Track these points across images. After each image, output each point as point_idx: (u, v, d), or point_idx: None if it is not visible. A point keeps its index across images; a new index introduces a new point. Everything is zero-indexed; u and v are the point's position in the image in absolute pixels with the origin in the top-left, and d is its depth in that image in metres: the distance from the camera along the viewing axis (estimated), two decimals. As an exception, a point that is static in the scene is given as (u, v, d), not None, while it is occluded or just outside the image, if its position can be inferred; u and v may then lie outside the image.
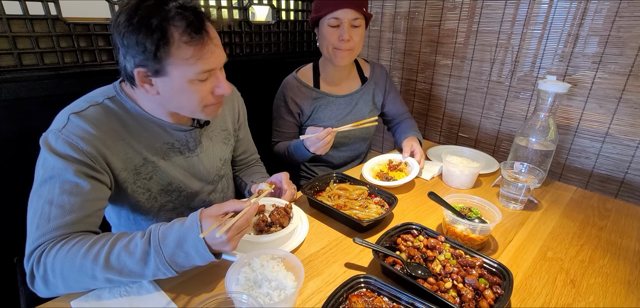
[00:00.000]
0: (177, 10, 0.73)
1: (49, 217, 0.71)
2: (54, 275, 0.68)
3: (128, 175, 0.85)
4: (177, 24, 0.73)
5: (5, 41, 1.00)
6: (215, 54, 0.80)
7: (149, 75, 0.77)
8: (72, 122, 0.76)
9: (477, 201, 1.01)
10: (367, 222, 0.94)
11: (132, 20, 0.72)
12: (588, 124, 1.44)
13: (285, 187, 1.04)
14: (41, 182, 0.73)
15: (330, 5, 1.25)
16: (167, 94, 0.80)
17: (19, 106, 1.03)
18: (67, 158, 0.74)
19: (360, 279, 0.72)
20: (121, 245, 0.70)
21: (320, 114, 1.43)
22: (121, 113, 0.84)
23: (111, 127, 0.81)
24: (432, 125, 1.99)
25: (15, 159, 1.05)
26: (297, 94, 1.41)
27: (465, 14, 1.68)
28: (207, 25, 0.77)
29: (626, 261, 0.89)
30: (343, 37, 1.27)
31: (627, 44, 1.27)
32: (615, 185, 1.43)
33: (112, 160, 0.81)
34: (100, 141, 0.78)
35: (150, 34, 0.71)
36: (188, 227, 0.69)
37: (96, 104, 0.81)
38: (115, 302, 0.70)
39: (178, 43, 0.73)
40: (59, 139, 0.74)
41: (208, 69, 0.79)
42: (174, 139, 0.92)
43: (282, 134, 1.46)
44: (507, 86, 1.63)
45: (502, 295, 0.71)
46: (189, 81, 0.78)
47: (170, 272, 0.69)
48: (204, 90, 0.81)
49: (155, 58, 0.73)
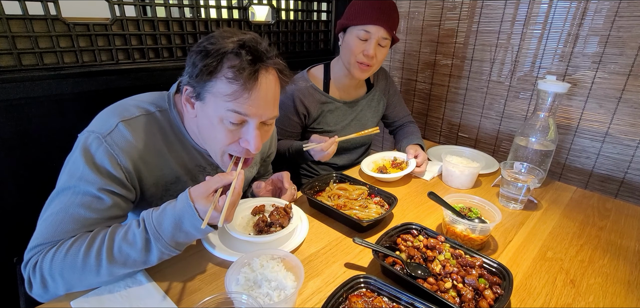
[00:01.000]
0: (237, 46, 0.71)
1: (57, 223, 0.71)
2: (54, 279, 0.68)
3: (157, 190, 0.85)
4: (230, 58, 0.72)
5: (5, 41, 1.00)
6: (256, 103, 0.74)
7: (192, 96, 0.76)
8: (120, 131, 0.76)
9: (477, 201, 1.01)
10: (367, 222, 0.94)
11: (202, 43, 0.74)
12: (588, 123, 1.44)
13: (286, 186, 1.04)
14: (65, 186, 0.73)
15: (364, 18, 1.23)
16: (201, 121, 0.78)
17: (18, 106, 1.03)
18: (101, 171, 0.73)
19: (360, 279, 0.72)
20: (119, 237, 0.70)
21: (327, 119, 1.42)
22: (167, 128, 0.83)
23: (154, 141, 0.81)
24: (432, 125, 1.99)
25: (15, 159, 1.05)
26: (306, 96, 1.38)
27: (465, 14, 1.68)
28: (262, 71, 0.73)
29: (626, 261, 0.89)
30: (368, 53, 1.25)
31: (627, 43, 1.27)
32: (615, 185, 1.43)
33: (145, 176, 0.81)
34: (139, 155, 0.78)
35: (205, 58, 0.71)
36: (181, 208, 0.69)
37: (147, 113, 0.81)
38: (115, 301, 0.70)
39: (221, 76, 0.71)
40: (102, 147, 0.73)
41: (241, 112, 0.73)
42: (207, 163, 0.92)
43: (285, 132, 1.44)
44: (507, 86, 1.63)
45: (502, 295, 0.71)
46: (219, 118, 0.74)
47: (174, 252, 0.72)
48: (229, 136, 0.76)
49: (198, 79, 0.72)
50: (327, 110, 1.42)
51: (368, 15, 1.23)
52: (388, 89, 1.56)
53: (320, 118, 1.42)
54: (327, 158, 1.22)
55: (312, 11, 1.78)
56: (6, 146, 1.03)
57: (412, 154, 1.32)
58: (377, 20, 1.22)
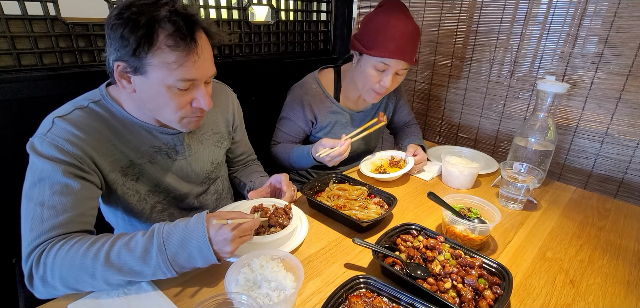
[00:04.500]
0: (169, 13, 0.72)
1: (41, 218, 0.71)
2: (53, 276, 0.68)
3: (116, 176, 0.85)
4: (164, 26, 0.72)
5: (4, 41, 1.00)
6: (199, 66, 0.77)
7: (127, 71, 0.75)
8: (57, 126, 0.76)
9: (476, 201, 1.01)
10: (367, 223, 0.94)
11: (122, 14, 0.71)
12: (587, 124, 1.44)
13: (285, 189, 1.04)
14: (31, 185, 0.73)
15: (384, 51, 1.14)
16: (144, 95, 0.78)
17: (18, 106, 1.03)
18: (54, 160, 0.73)
19: (359, 280, 0.72)
20: (122, 243, 0.70)
21: (336, 130, 1.38)
22: (106, 116, 0.83)
23: (96, 130, 0.80)
24: (431, 125, 2.00)
25: (14, 160, 1.05)
26: (315, 101, 1.32)
27: (465, 14, 1.68)
28: (197, 35, 0.75)
29: (625, 261, 0.89)
30: (385, 85, 1.20)
31: (626, 44, 1.28)
32: (615, 185, 1.43)
33: (99, 162, 0.81)
34: (86, 143, 0.77)
35: (136, 30, 0.70)
36: (193, 227, 0.70)
37: (81, 107, 0.81)
38: (114, 302, 0.70)
39: (162, 45, 0.72)
40: (45, 142, 0.74)
41: (189, 78, 0.76)
42: (160, 142, 0.91)
43: (287, 136, 1.38)
44: (507, 86, 1.63)
45: (501, 295, 0.71)
46: (167, 87, 0.76)
47: (170, 272, 0.69)
48: (182, 100, 0.79)
49: (134, 55, 0.71)
50: (338, 121, 1.37)
51: (388, 48, 1.13)
52: (396, 95, 1.54)
53: (330, 128, 1.37)
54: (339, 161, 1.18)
55: (311, 11, 1.78)
56: (5, 146, 1.03)
57: (411, 152, 1.32)
58: (399, 55, 1.14)
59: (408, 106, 1.61)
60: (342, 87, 1.38)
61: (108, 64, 0.78)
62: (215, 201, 1.13)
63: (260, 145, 1.37)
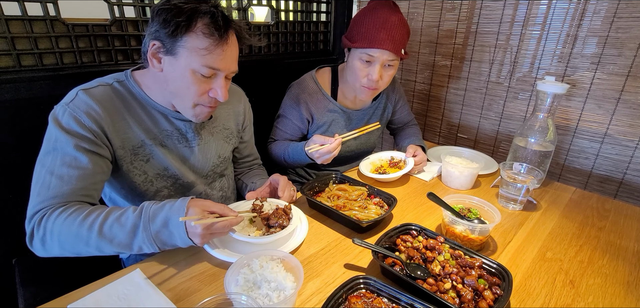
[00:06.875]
0: (209, 8, 0.80)
1: (49, 185, 0.78)
2: (52, 238, 0.75)
3: (125, 153, 0.90)
4: (204, 17, 0.80)
5: (4, 42, 1.00)
6: (225, 58, 0.84)
7: (160, 51, 0.82)
8: (80, 98, 0.83)
9: (476, 202, 1.01)
10: (367, 223, 0.94)
11: (171, 1, 0.80)
12: (587, 124, 1.44)
13: (280, 193, 1.04)
14: (45, 153, 0.80)
15: (367, 40, 1.13)
16: (169, 76, 0.84)
17: (17, 107, 1.03)
18: (69, 132, 0.80)
19: (359, 280, 0.72)
20: (114, 216, 0.76)
21: (333, 129, 1.37)
22: (126, 95, 0.90)
23: (114, 106, 0.87)
24: (431, 126, 2.00)
25: (14, 160, 1.05)
26: (313, 100, 1.32)
27: (464, 15, 1.68)
28: (230, 32, 0.84)
29: (625, 261, 0.89)
30: (372, 77, 1.18)
31: (625, 44, 1.28)
32: (614, 185, 1.43)
33: (112, 137, 0.86)
34: (102, 118, 0.83)
35: (179, 15, 0.78)
36: (176, 209, 0.76)
37: (105, 84, 0.88)
38: (113, 302, 0.70)
39: (197, 30, 0.80)
40: (66, 112, 0.81)
41: (213, 66, 0.83)
42: (173, 127, 0.96)
43: (284, 134, 1.38)
44: (506, 87, 1.63)
45: (501, 295, 0.71)
46: (192, 71, 0.82)
47: (153, 247, 0.76)
48: (201, 88, 0.85)
49: (172, 35, 0.79)
50: (335, 120, 1.37)
51: (371, 38, 1.12)
52: (395, 94, 1.53)
53: (327, 127, 1.37)
54: (330, 160, 1.18)
55: (311, 12, 1.78)
56: (5, 147, 1.03)
57: (411, 153, 1.31)
58: (381, 44, 1.12)
59: (408, 106, 1.61)
60: (339, 85, 1.38)
61: (144, 44, 0.85)
62: (220, 198, 1.15)
63: (260, 145, 1.37)
